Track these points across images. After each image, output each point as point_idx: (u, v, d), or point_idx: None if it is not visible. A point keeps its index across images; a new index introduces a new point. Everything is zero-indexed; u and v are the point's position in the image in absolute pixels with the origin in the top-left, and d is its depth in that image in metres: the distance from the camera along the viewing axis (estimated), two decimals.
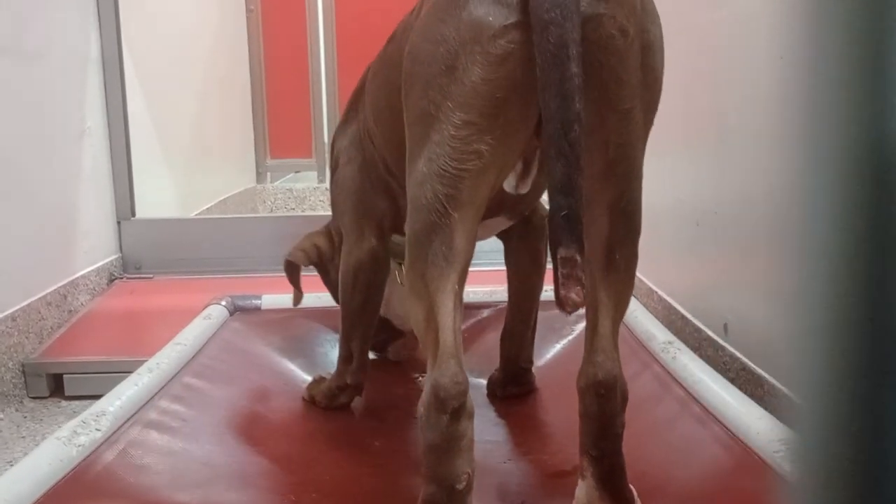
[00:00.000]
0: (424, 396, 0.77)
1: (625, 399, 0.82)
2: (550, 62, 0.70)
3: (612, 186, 0.79)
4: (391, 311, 1.31)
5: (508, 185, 0.82)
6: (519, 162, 0.80)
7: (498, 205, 0.99)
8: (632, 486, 0.84)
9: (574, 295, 0.69)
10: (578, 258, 0.69)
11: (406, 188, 0.81)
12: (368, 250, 1.13)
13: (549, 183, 0.71)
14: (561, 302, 0.69)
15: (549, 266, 0.73)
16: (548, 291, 0.93)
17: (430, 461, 0.76)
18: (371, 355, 1.33)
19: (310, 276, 2.08)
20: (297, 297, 1.28)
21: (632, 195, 0.81)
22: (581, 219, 0.70)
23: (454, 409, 0.75)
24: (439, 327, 0.77)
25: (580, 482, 0.82)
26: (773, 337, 1.14)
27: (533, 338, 1.24)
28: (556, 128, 0.70)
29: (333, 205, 1.21)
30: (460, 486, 0.75)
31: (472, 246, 0.80)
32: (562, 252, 0.69)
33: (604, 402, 0.80)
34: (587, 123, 0.74)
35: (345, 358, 1.18)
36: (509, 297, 1.22)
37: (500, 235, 1.20)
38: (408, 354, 1.38)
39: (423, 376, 1.31)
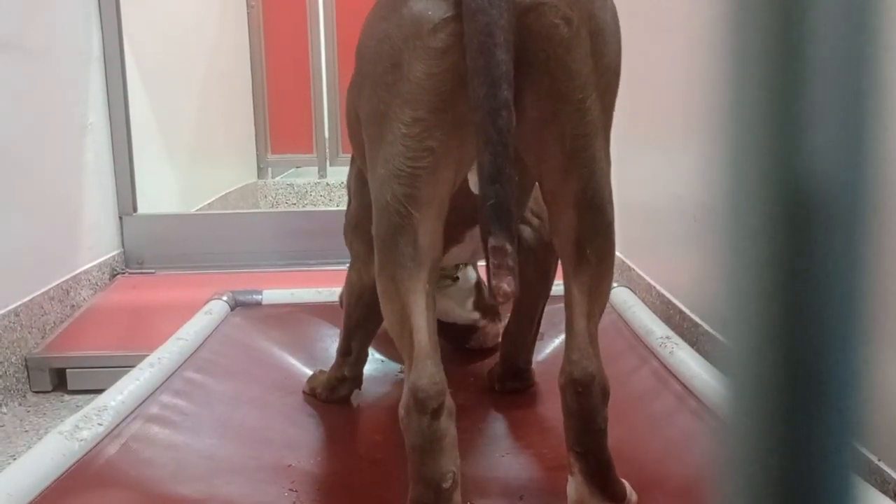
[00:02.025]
0: (404, 398, 0.76)
1: (605, 395, 0.82)
2: (477, 49, 0.70)
3: (574, 180, 0.78)
4: (452, 317, 1.36)
5: (474, 184, 0.80)
6: None
7: (475, 212, 0.99)
8: (625, 481, 0.85)
9: (505, 285, 0.68)
10: (508, 247, 0.68)
11: (370, 191, 0.81)
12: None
13: (478, 172, 0.70)
14: (493, 292, 0.69)
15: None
16: (558, 285, 0.93)
17: (415, 462, 0.76)
18: (376, 354, 1.34)
19: (310, 272, 2.09)
20: None
21: (596, 187, 0.79)
22: (511, 208, 0.69)
23: (434, 410, 0.75)
24: (413, 329, 0.77)
25: (570, 478, 0.82)
26: None
27: (534, 340, 1.24)
28: (483, 115, 0.69)
29: (344, 233, 1.22)
30: (446, 485, 0.75)
31: (440, 245, 0.79)
32: (491, 242, 0.68)
33: (582, 399, 0.80)
34: (541, 116, 0.74)
35: (343, 352, 1.19)
36: (514, 300, 1.23)
37: None
38: (488, 342, 1.40)
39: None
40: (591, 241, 0.81)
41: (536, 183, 0.92)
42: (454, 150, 0.76)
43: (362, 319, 1.16)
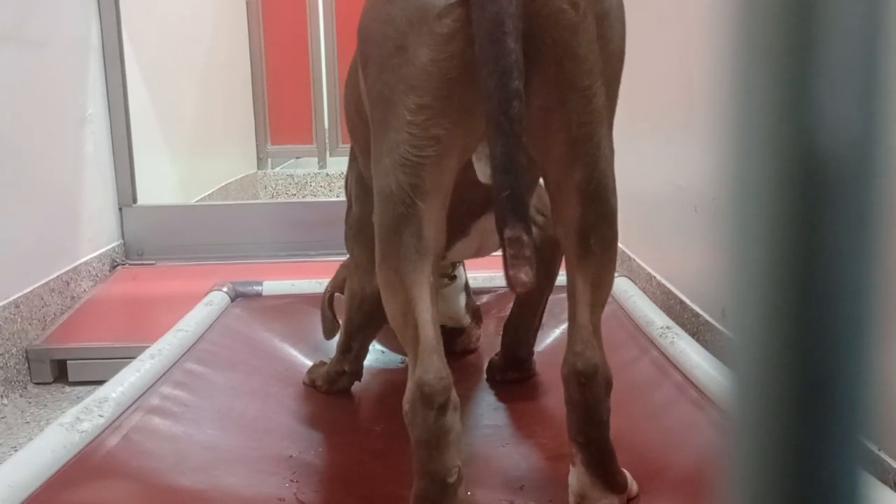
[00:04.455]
0: (409, 393, 0.76)
1: (608, 386, 0.81)
2: (487, 38, 0.69)
3: (579, 168, 0.78)
4: (448, 317, 1.34)
5: (482, 174, 0.80)
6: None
7: (485, 200, 0.98)
8: (626, 471, 0.85)
9: (523, 275, 0.67)
10: (525, 238, 0.67)
11: (373, 179, 0.80)
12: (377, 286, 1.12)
13: (490, 162, 0.70)
14: (510, 283, 0.68)
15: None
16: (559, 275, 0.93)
17: (420, 456, 0.75)
18: (376, 345, 1.34)
19: (310, 263, 2.09)
20: (335, 327, 1.28)
21: (601, 177, 0.79)
22: (525, 197, 0.69)
23: (440, 405, 0.74)
24: (418, 323, 0.76)
25: (571, 468, 0.82)
26: None
27: (536, 331, 1.23)
28: (494, 105, 0.68)
29: (346, 238, 1.21)
30: (452, 480, 0.75)
31: (443, 236, 0.79)
32: (507, 233, 0.68)
33: (585, 390, 0.80)
34: (546, 103, 0.73)
35: (344, 350, 1.19)
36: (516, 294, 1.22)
37: None
38: (472, 344, 1.39)
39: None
40: (594, 230, 0.80)
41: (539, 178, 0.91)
42: (459, 138, 0.75)
43: (363, 325, 1.16)
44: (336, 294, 1.27)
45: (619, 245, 1.92)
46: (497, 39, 0.68)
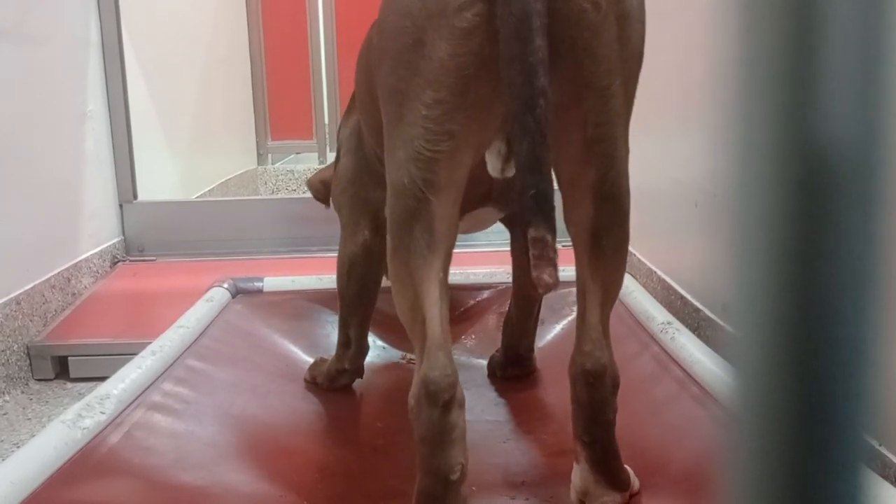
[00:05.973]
0: (414, 389, 0.76)
1: (615, 386, 0.81)
2: (513, 35, 0.67)
3: (593, 168, 0.77)
4: None
5: (493, 168, 0.79)
6: (502, 143, 0.77)
7: (485, 195, 0.97)
8: (628, 467, 0.85)
9: (546, 276, 0.66)
10: (549, 238, 0.67)
11: (386, 173, 0.80)
12: (362, 244, 1.11)
13: (515, 161, 0.69)
14: (534, 284, 0.67)
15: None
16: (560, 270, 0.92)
17: (424, 453, 0.75)
18: (378, 341, 1.34)
19: (311, 259, 2.09)
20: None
21: (616, 177, 0.78)
22: (550, 197, 0.67)
23: (445, 402, 0.74)
24: (426, 318, 0.76)
25: (575, 466, 0.82)
26: None
27: (535, 327, 1.23)
28: (520, 103, 0.67)
29: (332, 196, 1.20)
30: (454, 477, 0.75)
31: (454, 231, 0.78)
32: (532, 233, 0.67)
33: (593, 390, 0.80)
34: (563, 102, 0.72)
35: (343, 343, 1.19)
36: (513, 286, 1.22)
37: (508, 224, 1.18)
38: None
39: (409, 356, 1.32)
40: (607, 231, 0.80)
41: None
42: (474, 134, 0.74)
43: (356, 298, 1.15)
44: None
45: None
46: (524, 36, 0.67)
